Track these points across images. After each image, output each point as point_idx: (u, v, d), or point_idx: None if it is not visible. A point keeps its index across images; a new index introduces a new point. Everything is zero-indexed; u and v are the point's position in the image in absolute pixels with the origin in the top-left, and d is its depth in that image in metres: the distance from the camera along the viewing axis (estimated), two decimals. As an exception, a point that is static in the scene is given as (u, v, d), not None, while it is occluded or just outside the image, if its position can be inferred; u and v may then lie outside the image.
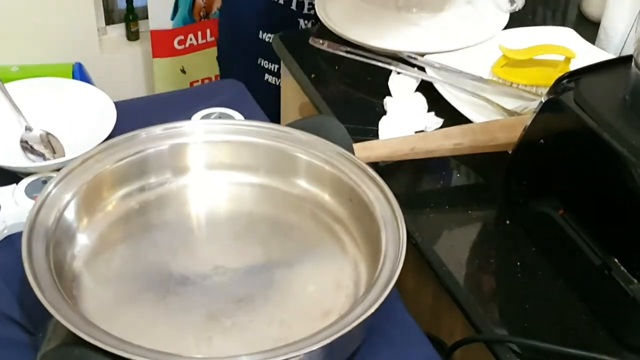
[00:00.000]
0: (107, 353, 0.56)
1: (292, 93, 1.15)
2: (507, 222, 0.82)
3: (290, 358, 0.59)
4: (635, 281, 0.67)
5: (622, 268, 0.67)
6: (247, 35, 1.41)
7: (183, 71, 1.98)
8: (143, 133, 0.77)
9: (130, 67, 2.07)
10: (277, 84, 1.41)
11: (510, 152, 0.82)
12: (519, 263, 0.77)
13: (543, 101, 0.75)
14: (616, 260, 0.68)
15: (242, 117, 0.89)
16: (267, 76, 1.42)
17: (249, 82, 1.03)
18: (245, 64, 1.53)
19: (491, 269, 0.78)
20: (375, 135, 0.92)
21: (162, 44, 1.91)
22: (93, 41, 1.97)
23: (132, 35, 2.07)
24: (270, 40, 1.37)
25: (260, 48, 1.39)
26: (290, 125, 0.80)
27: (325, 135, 0.78)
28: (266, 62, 1.42)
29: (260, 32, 1.38)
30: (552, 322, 0.72)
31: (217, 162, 0.79)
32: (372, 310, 0.61)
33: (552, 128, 0.76)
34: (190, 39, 1.93)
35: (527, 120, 0.78)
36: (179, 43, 1.92)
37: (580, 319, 0.72)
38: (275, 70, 1.41)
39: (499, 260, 0.78)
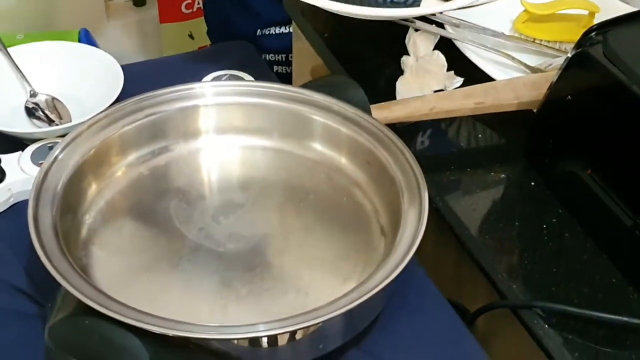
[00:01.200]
0: (119, 323, 0.53)
1: (303, 55, 1.12)
2: (532, 183, 0.79)
3: (308, 326, 0.56)
4: (669, 242, 0.64)
5: (655, 229, 0.65)
6: (242, 38, 1.36)
7: (191, 36, 1.94)
8: (152, 96, 0.74)
9: (137, 34, 2.04)
10: (289, 71, 1.37)
11: (535, 110, 0.79)
12: (545, 225, 0.75)
13: (570, 55, 0.72)
14: (648, 220, 0.65)
15: (252, 79, 0.86)
16: (275, 67, 1.38)
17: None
18: None
19: (516, 232, 0.75)
20: (392, 96, 0.89)
21: (169, 9, 1.87)
22: (99, 7, 1.93)
23: (139, 1, 2.04)
24: (271, 33, 1.33)
25: (261, 45, 1.34)
26: (304, 86, 0.77)
27: (341, 96, 0.75)
28: (271, 55, 1.37)
29: (258, 30, 1.34)
30: (580, 285, 0.69)
31: (229, 126, 0.76)
32: (394, 276, 0.59)
33: (580, 83, 0.72)
34: (198, 3, 1.89)
35: (552, 76, 0.75)
36: (187, 7, 1.88)
37: (610, 282, 0.69)
38: (283, 59, 1.37)
39: (524, 222, 0.75)
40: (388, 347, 0.65)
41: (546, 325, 0.66)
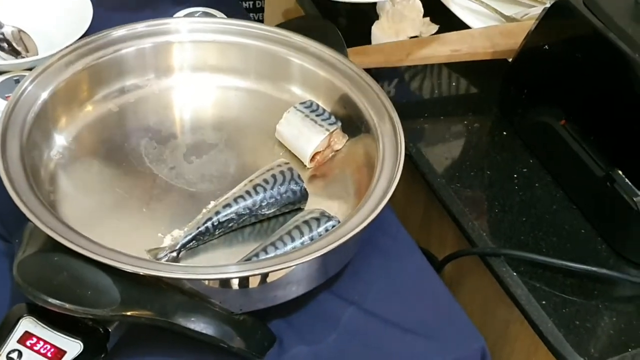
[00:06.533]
0: (89, 260, 0.53)
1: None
2: (504, 133, 0.79)
3: (282, 269, 0.56)
4: (640, 194, 0.64)
5: (626, 180, 0.65)
6: None
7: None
8: (123, 30, 0.72)
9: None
10: (261, 18, 1.33)
11: (510, 60, 0.79)
12: (516, 175, 0.75)
13: (550, 4, 0.71)
14: (620, 172, 0.66)
15: (225, 17, 0.84)
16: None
17: None
18: None
19: (487, 181, 0.75)
20: (367, 40, 0.88)
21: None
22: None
23: None
24: None
25: None
26: (281, 26, 0.76)
27: (318, 38, 0.74)
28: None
29: None
30: (549, 235, 0.70)
31: (204, 64, 0.75)
32: (369, 221, 0.58)
33: (558, 33, 0.72)
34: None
35: (529, 26, 0.75)
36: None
37: (579, 232, 0.70)
38: (255, 5, 1.33)
39: (495, 171, 0.76)
40: (358, 291, 0.65)
41: (514, 273, 0.66)
